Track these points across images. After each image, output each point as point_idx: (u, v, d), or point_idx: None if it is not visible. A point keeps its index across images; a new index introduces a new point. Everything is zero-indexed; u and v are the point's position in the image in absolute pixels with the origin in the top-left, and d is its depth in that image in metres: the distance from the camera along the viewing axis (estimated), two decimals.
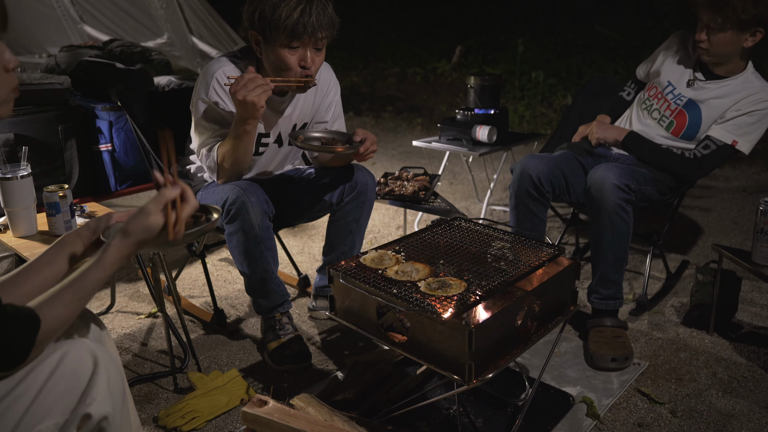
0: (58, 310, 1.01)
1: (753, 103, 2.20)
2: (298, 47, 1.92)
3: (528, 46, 7.46)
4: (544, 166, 2.23)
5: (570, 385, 1.95)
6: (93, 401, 1.00)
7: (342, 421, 1.58)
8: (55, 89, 2.60)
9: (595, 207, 2.11)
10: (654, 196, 2.24)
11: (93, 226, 1.22)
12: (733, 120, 2.22)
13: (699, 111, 2.28)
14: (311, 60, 1.95)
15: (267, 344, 2.11)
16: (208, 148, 2.01)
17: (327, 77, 2.23)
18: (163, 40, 4.80)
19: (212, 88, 1.98)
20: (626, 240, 2.12)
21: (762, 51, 6.57)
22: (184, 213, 1.14)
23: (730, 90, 2.25)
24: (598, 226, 2.13)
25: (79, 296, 1.04)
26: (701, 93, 2.29)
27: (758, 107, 2.20)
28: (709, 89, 2.28)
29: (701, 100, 2.28)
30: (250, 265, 2.02)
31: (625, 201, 2.08)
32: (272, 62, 1.96)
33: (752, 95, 2.20)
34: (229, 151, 1.95)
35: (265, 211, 1.98)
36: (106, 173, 2.69)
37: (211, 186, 2.09)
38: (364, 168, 2.19)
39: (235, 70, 2.02)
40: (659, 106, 2.37)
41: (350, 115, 6.81)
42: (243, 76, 1.81)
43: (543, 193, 2.23)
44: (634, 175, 2.16)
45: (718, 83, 2.27)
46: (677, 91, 2.34)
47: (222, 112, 1.99)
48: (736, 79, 2.25)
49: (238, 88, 1.80)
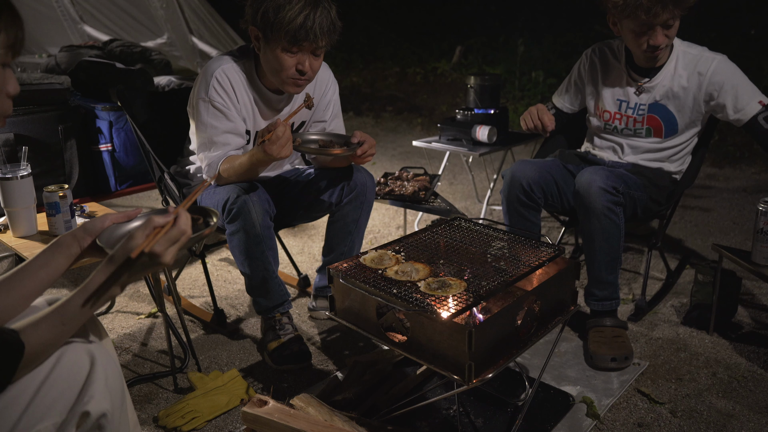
0: (42, 335, 0.98)
1: (722, 77, 2.16)
2: (297, 52, 1.92)
3: (528, 46, 7.47)
4: (534, 173, 2.21)
5: (570, 385, 1.95)
6: (91, 399, 1.00)
7: (342, 421, 1.58)
8: (55, 89, 2.61)
9: (584, 210, 2.10)
10: (644, 203, 2.21)
11: (89, 227, 1.21)
12: (734, 95, 2.16)
13: (664, 107, 2.26)
14: (309, 65, 1.95)
15: (267, 344, 2.11)
16: (209, 153, 2.01)
17: (325, 76, 2.23)
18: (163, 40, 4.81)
19: (212, 87, 1.98)
20: (618, 241, 2.11)
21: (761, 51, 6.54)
22: (169, 234, 1.06)
23: (675, 69, 2.22)
24: (588, 228, 2.12)
25: (63, 321, 1.01)
26: (654, 92, 2.26)
27: (728, 75, 2.16)
28: (658, 84, 2.25)
29: (659, 97, 2.26)
30: (251, 264, 2.02)
31: (613, 203, 2.06)
32: (269, 62, 1.96)
33: (715, 72, 2.16)
34: (237, 171, 1.96)
35: (266, 210, 1.98)
36: (106, 173, 2.69)
37: (211, 186, 2.09)
38: (364, 169, 2.19)
39: (235, 68, 2.02)
40: (626, 125, 2.34)
41: (350, 115, 6.81)
42: (278, 134, 1.81)
43: (534, 198, 2.22)
44: (623, 178, 2.14)
45: (661, 73, 2.24)
46: (632, 103, 2.31)
47: (223, 111, 1.99)
48: (671, 61, 2.23)
49: (273, 147, 1.80)
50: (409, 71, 8.31)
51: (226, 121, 2.00)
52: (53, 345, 1.01)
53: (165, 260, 1.05)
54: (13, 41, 1.00)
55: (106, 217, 1.24)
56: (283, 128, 1.82)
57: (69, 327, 1.02)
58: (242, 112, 2.05)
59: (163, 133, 2.32)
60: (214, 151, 2.01)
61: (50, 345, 1.01)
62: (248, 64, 2.06)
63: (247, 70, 2.05)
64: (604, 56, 2.38)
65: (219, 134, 2.00)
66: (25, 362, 0.97)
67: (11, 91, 1.03)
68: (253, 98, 2.08)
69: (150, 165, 2.29)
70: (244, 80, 2.04)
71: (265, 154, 1.83)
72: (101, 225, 1.22)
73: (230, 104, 2.00)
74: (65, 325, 1.02)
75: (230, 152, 2.01)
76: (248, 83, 2.06)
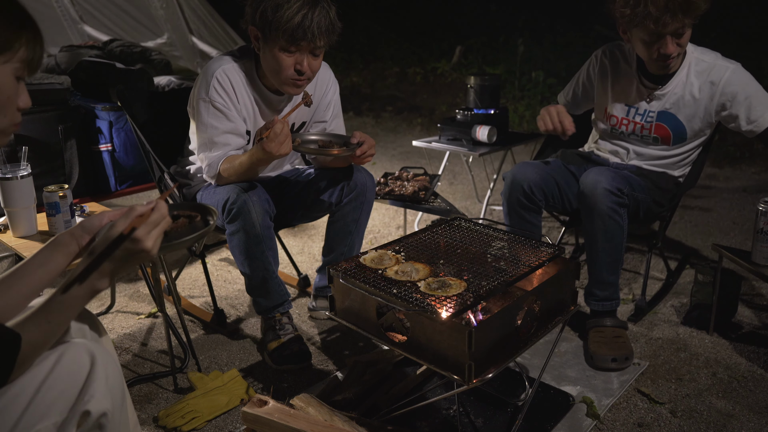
0: (29, 335, 0.98)
1: (735, 87, 2.11)
2: (295, 51, 1.92)
3: (528, 46, 7.47)
4: (535, 175, 2.20)
5: (570, 385, 1.95)
6: (91, 398, 1.00)
7: (342, 421, 1.58)
8: (55, 89, 2.60)
9: (588, 211, 2.10)
10: (648, 205, 2.21)
11: (87, 225, 1.21)
12: (748, 108, 2.11)
13: (674, 116, 2.22)
14: (307, 65, 1.95)
15: (267, 344, 2.11)
16: (210, 153, 2.01)
17: (325, 77, 2.23)
18: (163, 40, 4.81)
19: (213, 87, 1.98)
20: (620, 242, 2.10)
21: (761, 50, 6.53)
22: (149, 219, 1.07)
23: (687, 77, 2.18)
24: (592, 229, 2.11)
25: (48, 318, 1.00)
26: (665, 100, 2.22)
27: (741, 85, 2.11)
28: (669, 92, 2.21)
29: (669, 106, 2.22)
30: (251, 264, 2.02)
31: (618, 204, 2.05)
32: (268, 61, 1.96)
33: (728, 81, 2.12)
34: (238, 171, 1.97)
35: (266, 210, 1.98)
36: (106, 173, 2.69)
37: (212, 186, 2.09)
38: (364, 169, 2.19)
39: (236, 68, 2.02)
40: (633, 130, 2.30)
41: (350, 115, 6.81)
42: (276, 131, 1.82)
43: (535, 201, 2.21)
44: (628, 180, 2.13)
45: (673, 81, 2.20)
46: (641, 110, 2.26)
47: (223, 111, 1.99)
48: (683, 68, 2.18)
49: (272, 144, 1.81)
50: (409, 71, 8.31)
51: (227, 122, 2.00)
52: (42, 344, 1.01)
53: (147, 245, 1.05)
54: (31, 57, 1.02)
55: (103, 215, 1.24)
56: (281, 125, 1.83)
57: (55, 324, 1.02)
58: (243, 112, 2.05)
59: (163, 133, 2.32)
60: (215, 152, 2.01)
61: (39, 344, 1.00)
62: (249, 64, 2.06)
63: (247, 70, 2.05)
64: (615, 59, 2.33)
65: (219, 134, 2.00)
66: (19, 361, 0.96)
67: (22, 104, 1.05)
68: (253, 98, 2.08)
69: (150, 165, 2.29)
70: (245, 80, 2.04)
71: (264, 151, 1.83)
72: (99, 223, 1.22)
73: (230, 104, 2.00)
74: (50, 322, 1.01)
75: (230, 152, 2.01)
76: (249, 83, 2.06)
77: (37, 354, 1.00)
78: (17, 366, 0.96)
